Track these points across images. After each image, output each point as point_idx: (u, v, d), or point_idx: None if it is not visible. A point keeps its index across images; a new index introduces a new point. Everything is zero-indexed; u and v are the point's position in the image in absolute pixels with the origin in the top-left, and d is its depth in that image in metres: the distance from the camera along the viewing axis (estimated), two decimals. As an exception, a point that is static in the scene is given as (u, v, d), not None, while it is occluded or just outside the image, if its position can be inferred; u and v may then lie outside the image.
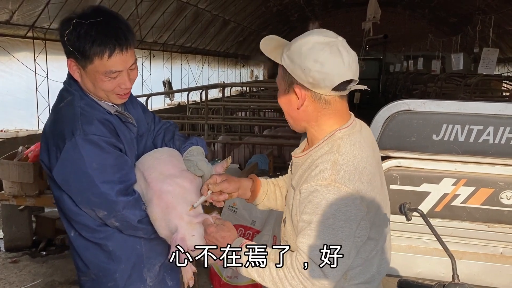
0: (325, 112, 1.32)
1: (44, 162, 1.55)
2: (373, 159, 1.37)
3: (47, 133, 1.55)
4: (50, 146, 1.51)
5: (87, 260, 1.69)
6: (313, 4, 19.01)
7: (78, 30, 1.45)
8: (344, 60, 1.29)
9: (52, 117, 1.57)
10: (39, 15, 7.32)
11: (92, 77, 1.51)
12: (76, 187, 1.50)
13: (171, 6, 11.16)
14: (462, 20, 17.45)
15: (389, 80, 20.40)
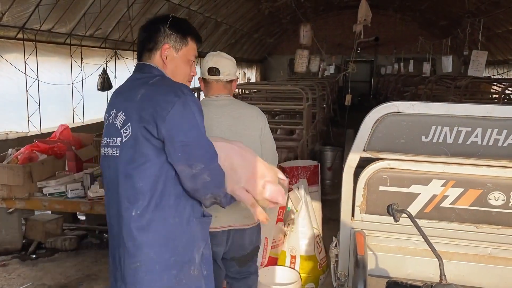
0: (205, 88, 2.60)
1: (149, 125, 1.64)
2: (218, 119, 2.45)
3: (148, 98, 1.68)
4: (157, 106, 1.64)
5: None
6: (305, 7, 19.06)
7: (178, 21, 1.89)
8: (208, 60, 2.55)
9: (149, 87, 1.72)
10: (29, 17, 7.27)
11: (181, 59, 1.87)
12: (183, 140, 1.64)
13: (163, 8, 11.13)
14: (452, 23, 17.60)
15: (380, 82, 20.55)
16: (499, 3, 12.47)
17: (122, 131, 1.70)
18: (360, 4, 5.89)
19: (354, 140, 2.08)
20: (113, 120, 1.75)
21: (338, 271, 2.14)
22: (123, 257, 1.72)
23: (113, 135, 1.74)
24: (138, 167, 1.67)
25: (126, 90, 1.80)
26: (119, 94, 1.84)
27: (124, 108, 1.72)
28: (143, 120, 1.65)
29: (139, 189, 1.67)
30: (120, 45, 10.73)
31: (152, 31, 1.83)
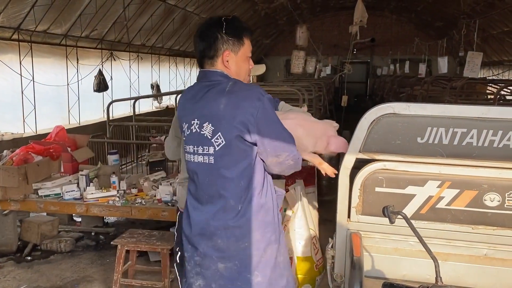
0: None
1: (242, 132, 1.89)
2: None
3: (233, 107, 1.89)
4: (245, 113, 1.87)
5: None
6: (301, 8, 19.08)
7: (232, 23, 2.01)
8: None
9: (229, 95, 1.91)
10: (24, 17, 7.24)
11: (241, 59, 2.04)
12: (271, 138, 1.92)
13: (159, 9, 11.11)
14: (447, 24, 17.66)
15: (376, 83, 20.59)
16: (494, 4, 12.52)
17: (213, 140, 1.92)
18: (356, 5, 5.90)
19: (350, 141, 2.07)
20: (198, 129, 1.96)
21: (335, 273, 2.14)
22: (227, 243, 1.97)
23: (204, 144, 1.95)
24: (234, 168, 1.93)
25: (202, 97, 1.97)
26: (195, 103, 1.98)
27: (209, 118, 1.92)
28: (235, 128, 1.88)
29: (236, 187, 1.94)
30: (116, 46, 10.70)
31: (210, 39, 1.98)
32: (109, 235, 4.99)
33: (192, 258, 2.07)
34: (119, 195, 4.13)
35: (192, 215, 2.06)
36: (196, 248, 2.05)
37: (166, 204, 3.99)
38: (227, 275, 1.99)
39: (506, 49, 14.53)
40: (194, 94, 2.01)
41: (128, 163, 6.88)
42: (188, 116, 2.00)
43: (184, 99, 2.06)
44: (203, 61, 2.03)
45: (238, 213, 1.95)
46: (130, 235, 3.47)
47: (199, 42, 2.01)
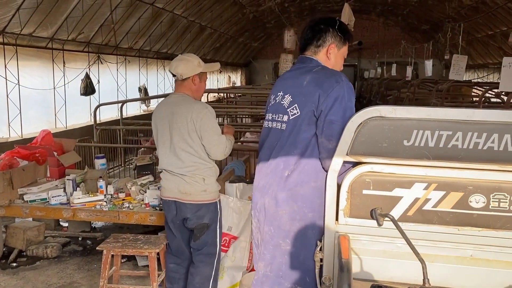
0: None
1: (313, 105, 2.17)
2: (161, 113, 3.09)
3: (313, 82, 2.19)
4: (320, 89, 2.16)
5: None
6: (289, 11, 19.18)
7: (343, 25, 2.34)
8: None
9: (314, 74, 2.23)
10: (9, 20, 7.16)
11: (340, 55, 2.36)
12: (330, 118, 2.14)
13: (147, 12, 11.07)
14: (433, 28, 17.89)
15: (364, 86, 20.73)
16: (478, 8, 12.72)
17: (289, 110, 2.23)
18: (343, 9, 5.94)
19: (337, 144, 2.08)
20: (280, 100, 2.29)
21: (323, 275, 2.14)
22: (271, 206, 2.25)
23: (280, 112, 2.28)
24: (298, 137, 2.19)
25: (292, 76, 2.32)
26: (284, 80, 2.37)
27: (291, 92, 2.25)
28: (309, 101, 2.17)
29: (294, 155, 2.20)
30: (103, 49, 10.63)
31: (322, 31, 2.30)
32: (96, 240, 4.95)
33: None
34: (106, 200, 4.09)
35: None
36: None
37: (154, 209, 3.96)
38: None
39: (491, 52, 14.76)
40: (287, 74, 2.40)
41: (115, 167, 6.83)
42: (275, 90, 2.37)
43: (278, 79, 2.48)
44: (306, 48, 2.34)
45: (288, 181, 2.25)
46: (115, 240, 3.44)
47: (309, 30, 2.33)
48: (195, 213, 3.01)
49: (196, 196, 2.98)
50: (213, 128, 2.97)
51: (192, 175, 2.98)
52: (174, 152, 3.00)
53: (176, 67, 3.03)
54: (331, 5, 19.77)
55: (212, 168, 3.07)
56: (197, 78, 3.06)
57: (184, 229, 3.12)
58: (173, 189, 3.03)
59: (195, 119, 2.93)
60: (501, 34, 12.87)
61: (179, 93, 3.07)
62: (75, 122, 9.67)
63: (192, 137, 2.96)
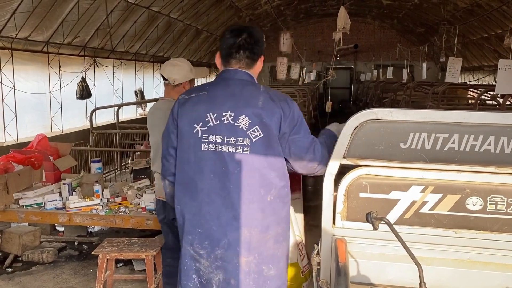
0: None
1: (277, 127, 2.07)
2: (153, 119, 3.18)
3: (271, 105, 2.06)
4: (282, 112, 2.06)
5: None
6: (285, 15, 19.22)
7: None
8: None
9: (266, 95, 2.09)
10: (5, 24, 7.13)
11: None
12: (305, 133, 2.14)
13: (143, 15, 11.07)
14: (429, 30, 17.96)
15: (360, 89, 20.79)
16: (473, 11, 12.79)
17: (250, 132, 2.03)
18: (339, 12, 5.96)
19: (334, 147, 2.08)
20: (232, 121, 2.04)
21: (320, 279, 2.13)
22: (257, 234, 2.07)
23: (237, 135, 2.03)
24: (267, 160, 2.06)
25: (234, 93, 2.08)
26: (223, 97, 2.08)
27: (246, 112, 2.03)
28: (272, 123, 2.04)
29: (270, 178, 2.07)
30: (99, 53, 10.61)
31: (257, 44, 2.14)
32: (92, 244, 4.91)
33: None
34: (103, 204, 4.07)
35: None
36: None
37: (150, 213, 3.95)
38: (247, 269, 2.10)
39: (486, 55, 14.83)
40: (221, 89, 2.11)
41: (111, 171, 6.80)
42: (215, 108, 2.06)
43: (207, 96, 2.11)
44: (234, 61, 2.13)
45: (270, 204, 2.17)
46: (110, 244, 3.42)
47: (243, 46, 2.10)
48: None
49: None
50: None
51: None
52: None
53: (170, 72, 3.07)
54: (326, 8, 19.83)
55: None
56: (187, 84, 3.14)
57: (175, 227, 3.17)
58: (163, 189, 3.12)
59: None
60: (496, 36, 12.94)
61: (168, 99, 3.12)
62: (71, 126, 9.64)
63: None
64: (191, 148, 2.08)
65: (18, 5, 7.01)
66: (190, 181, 2.09)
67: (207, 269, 2.11)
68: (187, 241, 2.14)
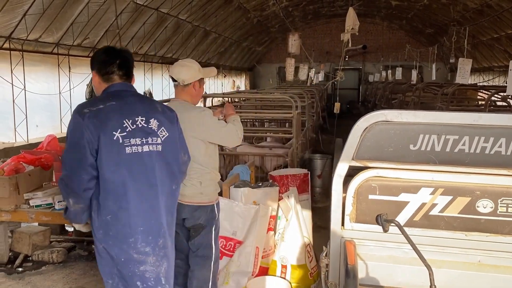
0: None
1: (178, 127, 2.59)
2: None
3: (167, 110, 2.54)
4: (176, 116, 2.58)
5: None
6: (293, 16, 19.21)
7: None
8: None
9: (160, 103, 2.60)
10: (16, 26, 7.21)
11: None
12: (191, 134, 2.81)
13: (152, 17, 11.13)
14: (438, 31, 17.85)
15: (368, 90, 20.70)
16: (483, 11, 12.69)
17: (159, 132, 2.36)
18: (348, 13, 5.94)
19: (342, 149, 2.08)
20: (145, 124, 2.33)
21: (329, 281, 2.13)
22: (172, 217, 2.47)
23: (151, 136, 2.33)
24: (172, 155, 2.43)
25: (136, 101, 2.38)
26: (130, 105, 2.34)
27: (154, 116, 2.37)
28: (173, 125, 2.47)
29: (175, 171, 2.46)
30: (109, 54, 10.69)
31: (131, 64, 2.47)
32: (101, 244, 4.94)
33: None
34: (112, 205, 4.09)
35: None
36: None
37: (159, 213, 3.96)
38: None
39: (496, 55, 14.70)
40: (126, 100, 2.36)
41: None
42: (127, 116, 2.29)
43: (115, 105, 2.30)
44: (116, 77, 2.39)
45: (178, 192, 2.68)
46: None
47: (124, 63, 2.41)
48: (192, 213, 3.14)
49: (193, 198, 3.11)
50: (217, 124, 3.10)
51: (189, 178, 3.09)
52: None
53: (178, 72, 3.10)
54: (334, 9, 19.79)
55: (209, 173, 3.18)
56: (197, 84, 3.16)
57: (184, 228, 3.25)
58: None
59: (197, 125, 3.04)
60: (506, 37, 12.82)
61: (179, 100, 3.16)
62: (81, 127, 9.72)
63: (192, 143, 3.04)
64: (115, 154, 2.21)
65: (29, 7, 7.10)
66: (121, 185, 2.21)
67: (154, 264, 2.28)
68: (129, 245, 2.21)
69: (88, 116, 2.18)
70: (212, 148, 3.18)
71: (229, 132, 3.12)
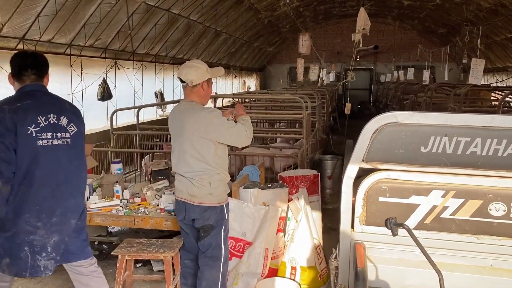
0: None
1: (82, 124, 2.88)
2: (173, 122, 3.29)
3: (73, 108, 2.86)
4: (78, 110, 2.93)
5: None
6: (304, 16, 19.16)
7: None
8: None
9: (66, 102, 2.89)
10: (29, 27, 7.30)
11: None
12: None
13: (163, 18, 11.18)
14: (450, 31, 17.66)
15: (380, 90, 20.57)
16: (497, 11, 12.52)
17: (68, 128, 2.73)
18: (359, 13, 5.90)
19: (353, 151, 2.06)
20: (56, 121, 2.69)
21: (338, 284, 2.11)
22: (76, 200, 2.80)
23: (61, 131, 2.71)
24: (80, 146, 2.84)
25: (47, 100, 2.72)
26: (43, 104, 2.68)
27: (64, 114, 2.72)
28: (79, 121, 2.82)
29: (81, 158, 2.86)
30: (120, 55, 10.76)
31: (46, 64, 2.79)
32: (112, 244, 4.98)
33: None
34: (122, 205, 4.12)
35: None
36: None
37: (169, 214, 3.97)
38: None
39: (510, 55, 14.49)
40: (40, 101, 2.70)
41: (131, 172, 6.88)
42: (40, 113, 2.64)
43: (32, 104, 2.65)
44: (28, 79, 2.71)
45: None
46: (129, 245, 3.45)
47: (38, 65, 2.73)
48: (201, 214, 3.18)
49: (203, 198, 3.15)
50: (226, 124, 3.12)
51: (199, 179, 3.14)
52: (184, 158, 3.18)
53: (186, 73, 3.13)
54: (346, 9, 19.69)
55: (219, 174, 3.20)
56: (205, 84, 3.20)
57: (194, 228, 3.30)
58: (183, 190, 3.23)
59: (205, 125, 3.08)
60: (520, 37, 12.63)
61: (188, 101, 3.21)
62: (93, 127, 9.80)
63: (201, 144, 3.11)
64: (29, 145, 2.60)
65: (42, 9, 7.17)
66: (28, 172, 2.60)
67: (43, 236, 2.67)
68: (23, 219, 2.63)
69: (7, 111, 2.58)
70: (221, 149, 3.19)
71: (238, 132, 3.14)
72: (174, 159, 3.30)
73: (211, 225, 3.19)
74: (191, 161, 3.15)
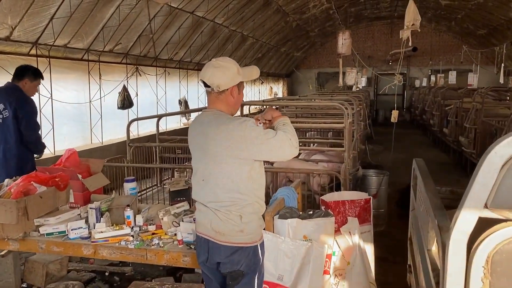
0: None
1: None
2: (194, 137, 2.55)
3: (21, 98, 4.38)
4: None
5: None
6: (333, 19, 18.38)
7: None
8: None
9: (21, 91, 4.40)
10: (42, 31, 6.78)
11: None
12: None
13: (187, 21, 10.61)
14: (491, 32, 16.56)
15: (414, 95, 19.56)
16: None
17: (3, 112, 4.14)
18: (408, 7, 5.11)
19: (467, 190, 1.29)
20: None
21: None
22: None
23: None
24: (16, 129, 4.28)
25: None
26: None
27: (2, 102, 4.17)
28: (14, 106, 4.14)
29: (17, 136, 4.29)
30: (142, 61, 10.22)
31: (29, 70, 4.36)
32: (125, 275, 4.32)
33: None
34: (134, 233, 3.44)
35: None
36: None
37: (188, 246, 3.26)
38: None
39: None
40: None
41: (148, 188, 6.22)
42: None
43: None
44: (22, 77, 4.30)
45: None
46: (140, 291, 2.77)
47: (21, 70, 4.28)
48: (228, 257, 2.46)
49: (231, 237, 2.42)
50: (263, 136, 2.34)
51: (226, 211, 2.41)
52: (208, 183, 2.47)
53: (212, 76, 2.42)
54: (378, 11, 18.84)
55: (252, 204, 2.45)
56: (236, 89, 2.48)
57: (218, 273, 2.59)
58: (206, 224, 2.51)
59: (237, 141, 2.33)
60: None
61: (213, 110, 2.49)
62: (112, 137, 9.25)
63: (231, 165, 2.38)
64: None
65: (55, 11, 6.65)
66: None
67: None
68: None
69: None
70: (257, 170, 2.42)
71: (281, 143, 2.32)
72: (195, 185, 2.58)
73: (241, 271, 2.45)
74: (216, 188, 2.43)
